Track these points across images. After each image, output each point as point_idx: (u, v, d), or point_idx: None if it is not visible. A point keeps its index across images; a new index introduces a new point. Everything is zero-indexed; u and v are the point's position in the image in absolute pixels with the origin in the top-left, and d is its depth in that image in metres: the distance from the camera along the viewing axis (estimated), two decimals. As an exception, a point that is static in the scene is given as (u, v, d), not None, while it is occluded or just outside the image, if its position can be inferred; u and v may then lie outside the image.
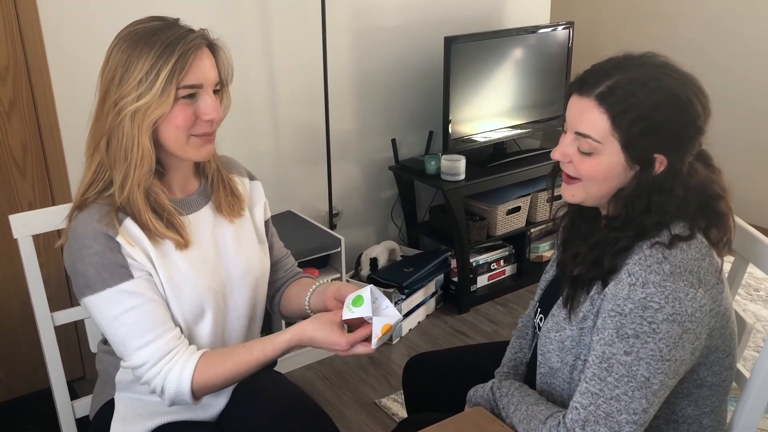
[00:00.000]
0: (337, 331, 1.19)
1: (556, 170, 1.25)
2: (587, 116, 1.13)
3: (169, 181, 1.29)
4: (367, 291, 1.18)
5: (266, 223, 1.46)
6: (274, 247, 1.49)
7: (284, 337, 1.21)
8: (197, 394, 1.22)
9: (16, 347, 2.29)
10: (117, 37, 1.20)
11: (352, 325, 1.20)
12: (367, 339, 1.18)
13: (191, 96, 1.19)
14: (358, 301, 1.17)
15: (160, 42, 1.16)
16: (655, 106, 1.09)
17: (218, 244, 1.32)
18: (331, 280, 1.45)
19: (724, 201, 1.17)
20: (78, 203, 1.23)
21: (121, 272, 1.19)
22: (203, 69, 1.19)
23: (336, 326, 1.19)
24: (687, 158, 1.14)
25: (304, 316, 1.39)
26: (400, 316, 1.17)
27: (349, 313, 1.17)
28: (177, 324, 1.25)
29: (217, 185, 1.34)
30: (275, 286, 1.49)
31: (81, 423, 1.51)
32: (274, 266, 1.47)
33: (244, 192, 1.40)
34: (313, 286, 1.41)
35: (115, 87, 1.17)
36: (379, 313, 1.18)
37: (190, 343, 1.28)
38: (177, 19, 1.23)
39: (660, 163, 1.12)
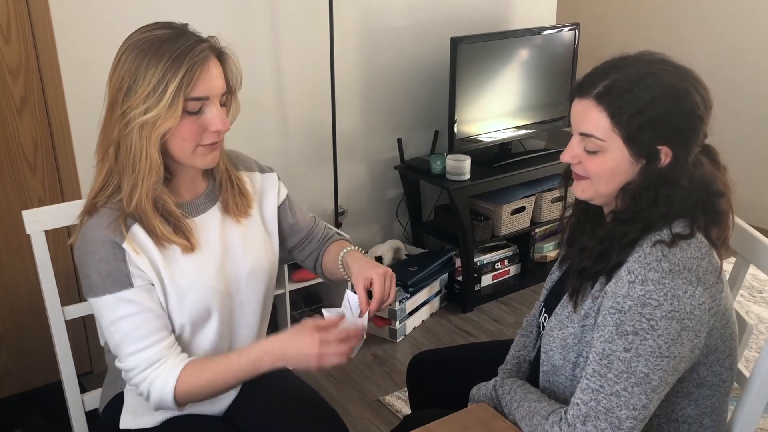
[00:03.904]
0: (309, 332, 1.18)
1: (569, 172, 1.26)
2: (588, 116, 1.15)
3: (176, 184, 1.29)
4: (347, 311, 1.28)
5: (283, 203, 1.45)
6: (300, 223, 1.48)
7: (255, 348, 1.21)
8: (181, 402, 1.23)
9: (26, 341, 2.32)
10: (124, 43, 1.19)
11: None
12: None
13: (197, 109, 1.19)
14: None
15: (169, 54, 1.14)
16: (652, 99, 1.11)
17: (226, 244, 1.33)
18: (352, 248, 1.44)
19: (725, 198, 1.18)
20: (88, 207, 1.24)
21: (123, 280, 1.20)
22: (210, 80, 1.18)
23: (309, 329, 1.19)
24: (692, 149, 1.15)
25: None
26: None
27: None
28: (181, 326, 1.27)
29: (225, 185, 1.34)
30: (313, 255, 1.50)
31: (90, 416, 1.54)
32: (306, 239, 1.48)
33: (252, 189, 1.40)
34: (342, 253, 1.41)
35: (122, 96, 1.17)
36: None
37: (196, 344, 1.30)
38: (186, 25, 1.22)
39: (665, 155, 1.14)
